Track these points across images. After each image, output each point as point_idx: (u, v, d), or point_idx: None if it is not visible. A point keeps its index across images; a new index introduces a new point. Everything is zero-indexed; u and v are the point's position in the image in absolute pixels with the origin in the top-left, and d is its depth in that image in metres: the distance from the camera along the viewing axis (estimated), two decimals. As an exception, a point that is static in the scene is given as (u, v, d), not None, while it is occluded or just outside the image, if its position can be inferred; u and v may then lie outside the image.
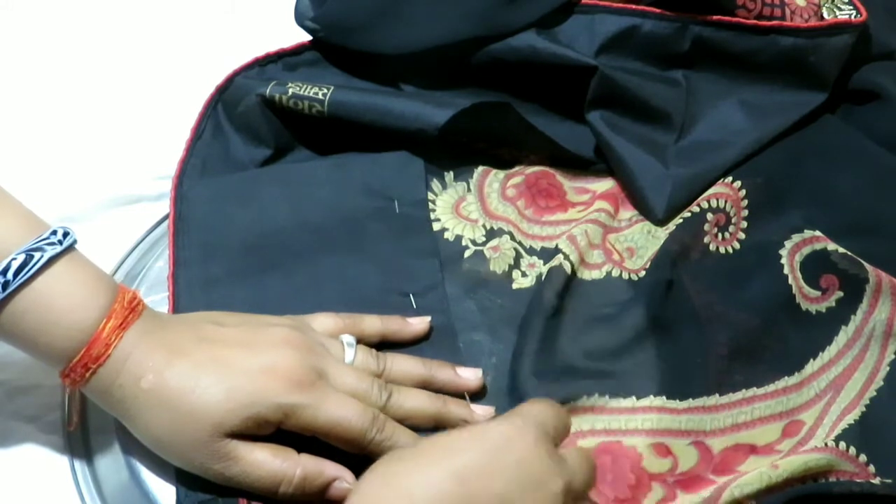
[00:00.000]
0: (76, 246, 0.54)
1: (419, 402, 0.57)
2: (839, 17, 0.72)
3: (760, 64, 0.71)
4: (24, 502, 0.57)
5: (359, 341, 0.59)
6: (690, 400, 0.60)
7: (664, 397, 0.60)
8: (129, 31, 0.79)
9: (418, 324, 0.62)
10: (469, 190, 0.71)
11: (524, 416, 0.48)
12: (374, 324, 0.60)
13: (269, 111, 0.70)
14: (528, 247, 0.67)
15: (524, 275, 0.66)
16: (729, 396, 0.60)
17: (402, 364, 0.59)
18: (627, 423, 0.59)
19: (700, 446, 0.58)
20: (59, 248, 0.52)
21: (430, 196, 0.70)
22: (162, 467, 0.56)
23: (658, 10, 0.71)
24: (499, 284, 0.65)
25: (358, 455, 0.54)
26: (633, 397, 0.60)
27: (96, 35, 0.79)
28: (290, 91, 0.69)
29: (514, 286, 0.65)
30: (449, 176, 0.71)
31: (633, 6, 0.71)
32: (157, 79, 0.76)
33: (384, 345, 0.61)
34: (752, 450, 0.58)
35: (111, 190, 0.69)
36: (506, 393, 0.60)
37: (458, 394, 0.59)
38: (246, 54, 0.74)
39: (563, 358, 0.62)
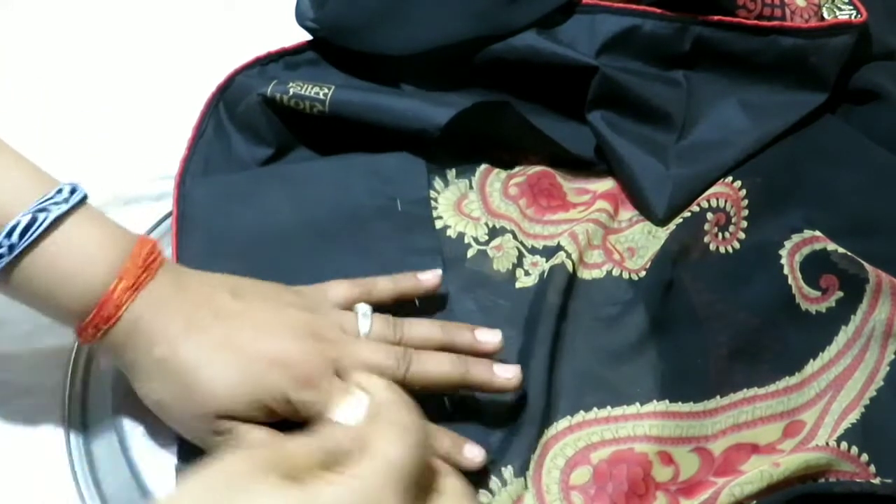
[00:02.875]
0: (87, 201, 0.54)
1: (442, 367, 0.56)
2: (839, 17, 0.73)
3: (761, 64, 0.71)
4: (24, 502, 0.57)
5: (375, 308, 0.58)
6: (692, 403, 0.60)
7: (667, 401, 0.60)
8: (129, 30, 0.79)
9: (431, 278, 0.61)
10: (471, 187, 0.71)
11: (373, 468, 0.42)
12: (387, 286, 0.60)
13: (270, 110, 0.70)
14: (529, 246, 0.67)
15: (527, 273, 0.66)
16: (730, 397, 0.60)
17: (420, 329, 0.58)
18: (635, 428, 0.59)
19: (701, 452, 0.59)
20: (64, 207, 0.51)
21: (433, 194, 0.69)
22: (161, 466, 0.56)
23: (659, 11, 0.71)
24: (502, 284, 0.65)
25: None
26: (637, 403, 0.60)
27: (96, 35, 0.79)
28: (292, 91, 0.69)
29: (518, 285, 0.65)
30: (451, 173, 0.71)
31: (634, 6, 0.71)
32: (158, 78, 0.76)
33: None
34: (755, 449, 0.58)
35: (112, 190, 0.69)
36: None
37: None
38: (246, 54, 0.74)
39: (571, 360, 0.62)
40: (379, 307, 0.59)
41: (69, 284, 0.51)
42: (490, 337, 0.59)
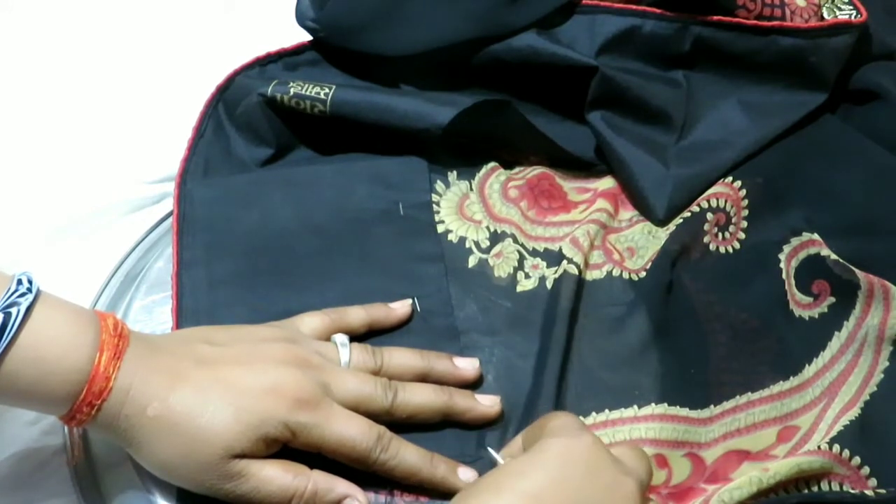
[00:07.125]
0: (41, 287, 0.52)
1: (426, 398, 0.57)
2: (839, 17, 0.72)
3: (761, 64, 0.71)
4: (24, 502, 0.57)
5: (351, 339, 0.59)
6: (688, 409, 0.60)
7: (665, 404, 0.60)
8: (129, 31, 0.80)
9: (401, 308, 0.62)
10: (472, 189, 0.71)
11: (573, 428, 0.51)
12: (360, 315, 0.61)
13: (270, 111, 0.70)
14: (530, 249, 0.68)
15: (527, 276, 0.66)
16: (725, 404, 0.61)
17: (400, 357, 0.59)
18: (632, 432, 0.59)
19: (693, 458, 0.59)
20: (31, 297, 0.50)
21: (434, 198, 0.70)
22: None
23: (658, 11, 0.71)
24: (503, 288, 0.66)
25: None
26: (635, 406, 0.60)
27: (95, 36, 0.79)
28: (292, 90, 0.69)
29: (519, 289, 0.66)
30: (452, 175, 0.71)
31: (634, 7, 0.71)
32: (157, 79, 0.76)
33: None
34: (746, 455, 0.58)
35: (112, 191, 0.70)
36: (520, 394, 0.60)
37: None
38: (246, 54, 0.74)
39: (574, 363, 0.62)
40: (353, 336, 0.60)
41: (57, 370, 0.50)
42: (467, 364, 0.60)
